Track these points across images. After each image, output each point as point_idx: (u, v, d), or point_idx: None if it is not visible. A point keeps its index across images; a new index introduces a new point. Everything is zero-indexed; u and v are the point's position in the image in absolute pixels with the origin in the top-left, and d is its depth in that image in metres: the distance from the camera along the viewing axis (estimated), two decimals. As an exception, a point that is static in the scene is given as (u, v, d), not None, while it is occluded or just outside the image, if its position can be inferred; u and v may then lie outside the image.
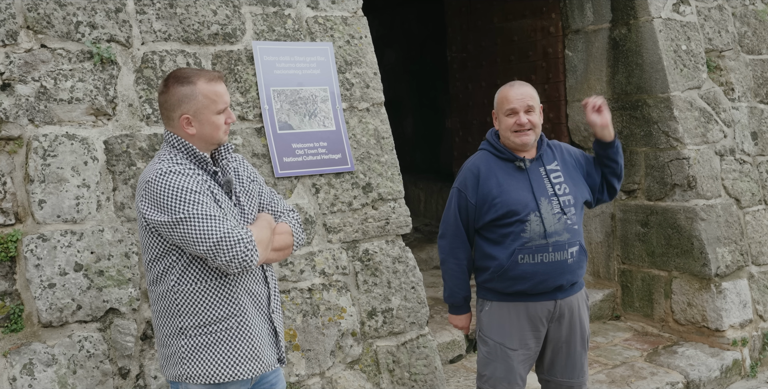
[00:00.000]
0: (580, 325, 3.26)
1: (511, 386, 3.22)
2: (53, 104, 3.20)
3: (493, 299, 3.24)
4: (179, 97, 2.42)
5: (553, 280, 3.11)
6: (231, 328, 2.46)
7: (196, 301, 2.43)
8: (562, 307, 3.19)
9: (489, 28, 6.56)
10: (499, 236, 3.14)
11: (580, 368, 3.29)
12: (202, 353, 2.45)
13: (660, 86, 5.22)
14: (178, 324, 2.45)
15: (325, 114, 3.90)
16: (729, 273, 5.10)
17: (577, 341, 3.26)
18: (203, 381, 2.44)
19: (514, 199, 3.10)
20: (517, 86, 3.17)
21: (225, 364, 2.45)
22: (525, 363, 3.24)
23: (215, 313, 2.44)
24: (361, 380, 3.78)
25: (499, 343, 3.21)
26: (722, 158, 5.35)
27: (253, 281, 2.53)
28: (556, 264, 3.10)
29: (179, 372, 2.47)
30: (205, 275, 2.43)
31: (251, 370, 2.50)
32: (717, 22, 5.76)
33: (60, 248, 3.12)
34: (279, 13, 3.87)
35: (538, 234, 3.07)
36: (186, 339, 2.45)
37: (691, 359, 4.82)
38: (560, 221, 3.10)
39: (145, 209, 2.36)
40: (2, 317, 3.05)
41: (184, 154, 2.46)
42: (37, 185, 3.12)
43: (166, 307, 2.46)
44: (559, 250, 3.09)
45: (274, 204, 2.70)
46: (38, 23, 3.21)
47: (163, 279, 2.45)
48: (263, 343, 2.54)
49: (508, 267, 3.11)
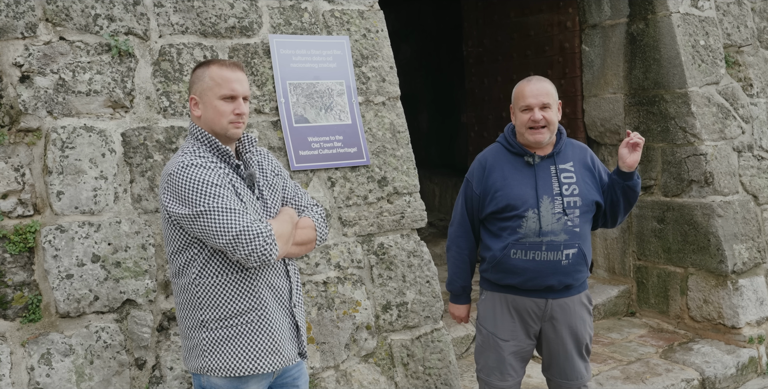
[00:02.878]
0: (576, 331, 3.18)
1: (503, 376, 3.21)
2: (71, 96, 3.23)
3: (488, 289, 3.27)
4: (194, 78, 2.50)
5: (542, 279, 3.07)
6: (252, 322, 2.46)
7: (216, 294, 2.44)
8: (554, 308, 3.14)
9: (505, 23, 6.54)
10: (498, 228, 3.14)
11: (578, 371, 3.23)
12: (223, 346, 2.45)
13: (677, 82, 5.18)
14: (200, 317, 2.46)
15: (341, 108, 3.91)
16: (746, 270, 5.07)
17: (571, 346, 3.19)
18: (224, 373, 2.45)
19: (515, 193, 3.08)
20: (534, 82, 3.12)
21: (246, 358, 2.46)
22: (517, 355, 3.21)
23: (236, 306, 2.45)
24: (375, 373, 3.79)
25: (491, 333, 3.22)
26: (740, 154, 5.31)
27: (274, 275, 2.53)
28: (548, 264, 3.06)
29: (201, 364, 2.48)
30: (226, 268, 2.43)
31: (272, 364, 2.50)
32: (736, 17, 5.71)
33: (78, 239, 3.15)
34: (296, 6, 3.88)
35: (533, 231, 3.04)
36: (207, 332, 2.46)
37: (707, 356, 4.79)
38: (559, 222, 3.05)
39: (168, 202, 2.37)
40: (20, 307, 3.08)
41: (207, 147, 2.47)
42: (56, 177, 3.14)
43: (188, 299, 2.48)
44: (552, 250, 3.04)
45: (297, 198, 2.69)
46: (57, 16, 3.23)
47: (184, 272, 2.46)
48: (284, 337, 2.54)
49: (500, 260, 3.11)
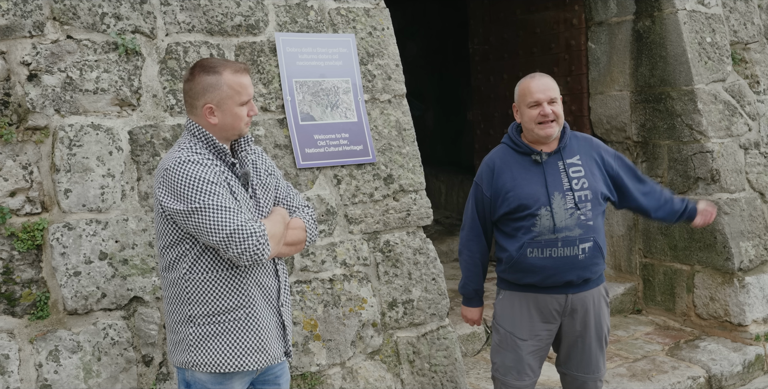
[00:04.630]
0: (596, 322, 3.22)
1: (520, 375, 3.23)
2: (79, 94, 3.24)
3: (506, 288, 3.27)
4: (204, 86, 2.44)
5: (562, 275, 3.10)
6: (239, 319, 2.48)
7: (205, 290, 2.45)
8: (575, 302, 3.17)
9: (511, 20, 6.53)
10: (512, 229, 3.15)
11: (595, 364, 3.27)
12: (209, 342, 2.47)
13: (684, 79, 5.17)
14: (188, 312, 2.47)
15: (346, 105, 3.91)
16: (752, 268, 5.06)
17: (591, 337, 3.23)
18: (209, 369, 2.46)
19: (526, 193, 3.09)
20: (538, 78, 3.15)
21: (231, 354, 2.47)
22: (535, 354, 3.23)
23: (224, 303, 2.46)
24: (381, 370, 3.80)
25: (509, 332, 3.22)
26: (746, 151, 5.29)
27: (263, 274, 2.54)
28: (566, 259, 3.08)
29: (186, 359, 2.49)
30: (217, 265, 2.45)
31: (257, 362, 2.51)
32: (742, 14, 5.69)
33: (85, 236, 3.16)
34: (302, 4, 3.88)
35: (548, 229, 3.06)
36: (194, 327, 2.47)
37: (713, 353, 4.79)
38: (572, 217, 3.07)
39: (162, 196, 2.39)
40: (29, 304, 3.10)
41: (204, 143, 2.48)
42: (63, 175, 3.16)
43: (177, 294, 2.49)
44: (568, 245, 3.07)
45: (289, 199, 2.71)
46: (64, 14, 3.25)
47: (175, 266, 2.47)
48: (270, 336, 2.55)
49: (517, 260, 3.12)
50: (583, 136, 3.31)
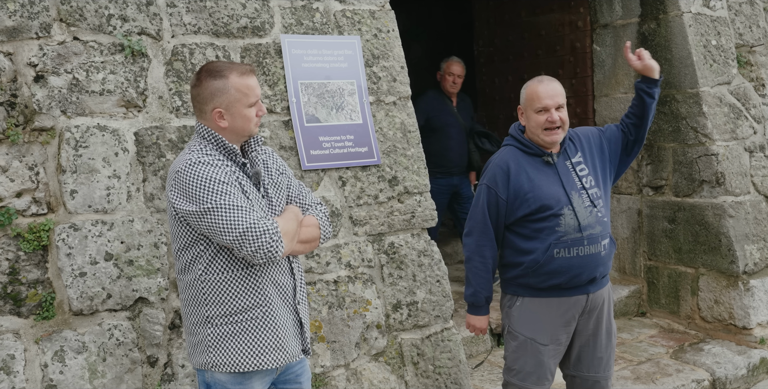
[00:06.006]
0: (607, 319, 3.26)
1: (540, 380, 3.22)
2: (85, 95, 3.25)
3: (526, 294, 3.22)
4: (212, 90, 2.45)
5: (588, 273, 3.12)
6: (256, 318, 2.49)
7: (222, 290, 2.46)
8: (594, 301, 3.20)
9: (516, 23, 6.53)
10: (531, 231, 3.13)
11: (606, 362, 3.28)
12: (228, 342, 2.48)
13: (689, 82, 5.17)
14: (205, 313, 2.49)
15: (352, 107, 3.92)
16: (757, 271, 5.05)
17: (602, 333, 3.25)
18: (228, 369, 2.47)
19: (547, 193, 3.09)
20: (546, 82, 3.13)
21: (250, 354, 2.48)
22: (555, 358, 3.24)
23: (241, 303, 2.47)
24: (385, 372, 3.80)
25: (530, 338, 3.19)
26: (752, 154, 5.29)
27: (279, 272, 2.55)
28: (591, 257, 3.11)
29: (205, 360, 2.50)
30: (232, 265, 2.46)
31: (276, 360, 2.52)
32: (748, 17, 5.68)
33: (91, 237, 3.17)
34: (307, 6, 3.89)
35: (573, 228, 3.07)
36: (212, 328, 2.48)
37: (718, 357, 4.78)
38: (592, 214, 3.10)
39: (175, 199, 2.40)
40: (34, 304, 3.11)
41: (213, 145, 2.49)
42: (69, 176, 3.17)
43: (194, 296, 2.50)
44: (593, 243, 3.11)
45: (302, 197, 2.72)
46: (71, 16, 3.26)
47: (190, 268, 2.49)
48: (288, 334, 2.56)
49: (543, 262, 3.10)
50: (578, 130, 3.34)
